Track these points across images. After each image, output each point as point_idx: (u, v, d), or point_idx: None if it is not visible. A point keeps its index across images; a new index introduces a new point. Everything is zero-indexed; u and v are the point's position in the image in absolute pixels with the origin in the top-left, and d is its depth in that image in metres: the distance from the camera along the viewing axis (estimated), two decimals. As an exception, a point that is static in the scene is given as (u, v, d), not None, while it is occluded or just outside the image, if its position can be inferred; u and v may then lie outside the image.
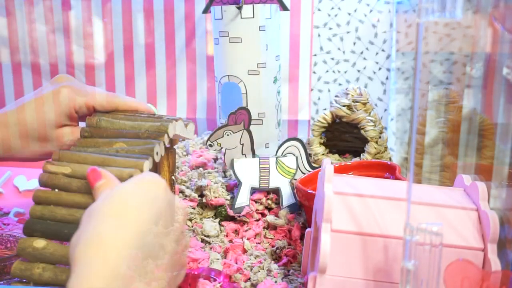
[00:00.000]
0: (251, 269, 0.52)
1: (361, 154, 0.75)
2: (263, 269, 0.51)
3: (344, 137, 0.82)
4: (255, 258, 0.54)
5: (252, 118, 0.63)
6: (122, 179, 0.43)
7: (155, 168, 0.50)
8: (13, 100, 1.09)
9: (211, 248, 0.57)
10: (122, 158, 0.46)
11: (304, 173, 0.65)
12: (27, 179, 0.73)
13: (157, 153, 0.48)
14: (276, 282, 0.50)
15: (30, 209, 0.43)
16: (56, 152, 0.47)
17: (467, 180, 0.45)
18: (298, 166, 0.65)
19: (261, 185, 0.64)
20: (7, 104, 1.09)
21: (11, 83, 1.09)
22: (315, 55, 0.96)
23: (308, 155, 0.67)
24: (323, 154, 0.78)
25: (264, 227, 0.61)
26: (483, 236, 0.40)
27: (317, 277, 0.38)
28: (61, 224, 0.42)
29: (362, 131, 0.74)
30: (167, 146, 0.52)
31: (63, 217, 0.42)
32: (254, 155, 0.64)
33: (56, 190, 0.44)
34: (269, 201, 0.64)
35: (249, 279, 0.50)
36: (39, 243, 0.42)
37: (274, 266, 0.52)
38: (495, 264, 0.38)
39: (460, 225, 0.40)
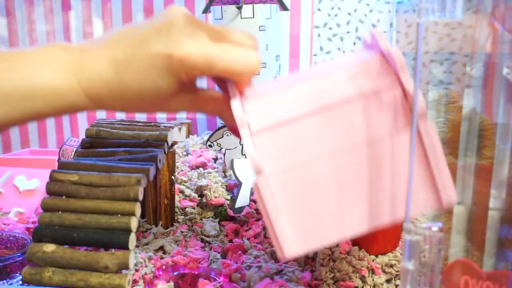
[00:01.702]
0: (250, 269, 0.52)
1: (361, 154, 0.75)
2: (261, 268, 0.52)
3: (344, 137, 0.82)
4: (254, 258, 0.54)
5: (252, 118, 0.63)
6: (130, 184, 0.44)
7: (157, 172, 0.51)
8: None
9: (211, 248, 0.57)
10: (128, 165, 0.47)
11: (304, 173, 0.65)
12: (27, 179, 0.73)
13: (159, 161, 0.50)
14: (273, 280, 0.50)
15: (39, 216, 0.44)
16: (61, 163, 0.48)
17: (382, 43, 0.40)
18: (298, 166, 0.65)
19: (261, 185, 0.64)
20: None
21: (11, 83, 1.08)
22: (315, 55, 0.96)
23: (308, 155, 0.67)
24: (323, 154, 0.78)
25: (264, 227, 0.61)
26: (396, 75, 0.37)
27: (256, 180, 0.36)
28: (70, 228, 0.43)
29: (362, 131, 0.74)
30: (166, 152, 0.55)
31: (72, 221, 0.43)
32: (254, 155, 0.64)
33: (64, 197, 0.45)
34: (269, 201, 0.64)
35: (249, 279, 0.50)
36: (49, 247, 0.42)
37: (274, 266, 0.52)
38: (413, 92, 0.35)
39: (366, 75, 0.38)
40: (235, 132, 0.41)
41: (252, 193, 0.64)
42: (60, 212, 0.44)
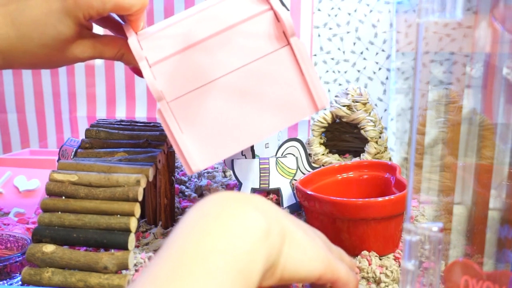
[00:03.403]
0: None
1: (361, 154, 0.75)
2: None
3: (344, 137, 0.82)
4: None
5: (252, 118, 0.63)
6: (129, 184, 0.43)
7: (156, 173, 0.51)
8: (13, 101, 1.10)
9: (211, 248, 0.57)
10: (127, 165, 0.47)
11: (304, 174, 0.65)
12: (27, 179, 0.73)
13: (159, 161, 0.50)
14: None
15: (38, 217, 0.44)
16: (61, 163, 0.48)
17: None
18: (298, 167, 0.65)
19: (261, 186, 0.64)
20: (7, 104, 1.10)
21: (11, 83, 1.09)
22: (315, 55, 0.96)
23: (308, 156, 0.67)
24: (323, 154, 0.78)
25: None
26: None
27: (159, 106, 0.41)
28: (70, 229, 0.43)
29: (362, 131, 0.74)
30: (166, 152, 0.54)
31: (71, 222, 0.43)
32: (254, 155, 0.64)
33: (63, 197, 0.45)
34: (269, 201, 0.64)
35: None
36: (48, 247, 0.42)
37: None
38: (282, 12, 0.41)
39: (241, 4, 0.43)
40: (138, 72, 0.45)
41: (252, 193, 0.64)
42: (59, 212, 0.44)
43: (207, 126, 0.42)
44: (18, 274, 0.49)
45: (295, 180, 0.64)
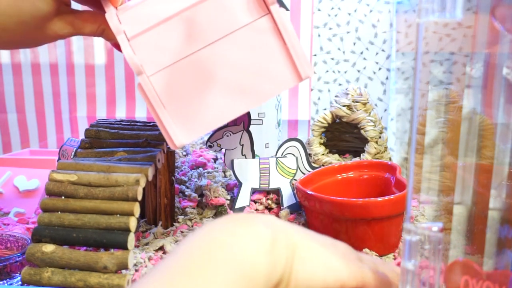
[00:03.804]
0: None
1: (361, 154, 0.75)
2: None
3: (344, 137, 0.82)
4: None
5: (252, 118, 0.63)
6: (129, 183, 0.43)
7: (156, 172, 0.51)
8: (13, 101, 1.10)
9: (211, 248, 0.57)
10: (126, 165, 0.47)
11: (304, 174, 0.65)
12: (27, 179, 0.73)
13: (158, 160, 0.50)
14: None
15: (38, 217, 0.44)
16: (60, 163, 0.48)
17: None
18: (298, 167, 0.65)
19: (261, 186, 0.64)
20: (7, 104, 1.10)
21: (11, 83, 1.08)
22: (315, 55, 0.96)
23: (308, 155, 0.67)
24: (323, 154, 0.78)
25: (264, 227, 0.61)
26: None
27: (139, 80, 0.41)
28: (69, 229, 0.43)
29: (362, 131, 0.74)
30: (165, 152, 0.54)
31: (71, 222, 0.43)
32: (254, 155, 0.64)
33: (63, 197, 0.45)
34: (269, 201, 0.64)
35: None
36: (48, 247, 0.42)
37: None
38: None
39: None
40: (119, 47, 0.44)
41: (252, 193, 0.64)
42: (59, 212, 0.44)
43: (189, 100, 0.42)
44: (18, 274, 0.49)
45: (295, 180, 0.64)
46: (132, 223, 0.42)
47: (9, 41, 0.42)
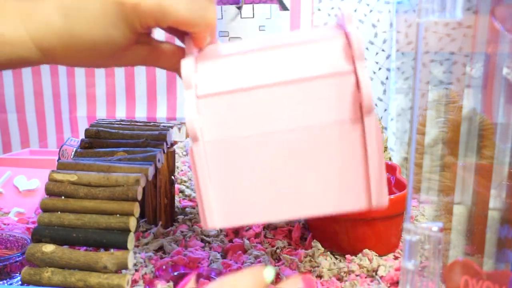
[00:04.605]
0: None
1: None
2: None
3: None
4: (255, 258, 0.54)
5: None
6: (129, 183, 0.44)
7: (156, 172, 0.51)
8: (13, 101, 1.10)
9: (211, 248, 0.57)
10: (126, 165, 0.47)
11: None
12: (27, 179, 0.73)
13: (158, 160, 0.50)
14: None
15: (38, 217, 0.44)
16: (60, 163, 0.48)
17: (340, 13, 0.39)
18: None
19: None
20: (7, 104, 1.10)
21: (11, 83, 1.09)
22: (315, 55, 0.96)
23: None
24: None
25: (264, 227, 0.61)
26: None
27: (193, 147, 0.35)
28: (69, 228, 0.43)
29: (362, 131, 0.74)
30: (165, 152, 0.54)
31: (71, 222, 0.43)
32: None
33: (63, 197, 0.45)
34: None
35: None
36: (48, 247, 0.42)
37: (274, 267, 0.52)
38: (365, 82, 0.34)
39: (326, 55, 0.36)
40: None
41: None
42: (59, 212, 0.44)
43: (242, 182, 0.36)
44: (18, 274, 0.49)
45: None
46: (132, 223, 0.42)
47: (75, 62, 0.39)
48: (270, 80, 0.35)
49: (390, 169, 0.62)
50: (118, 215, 0.43)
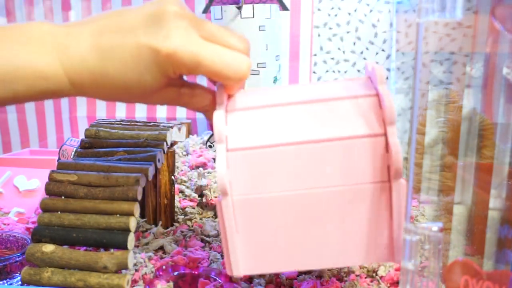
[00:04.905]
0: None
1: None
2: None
3: (344, 137, 0.82)
4: (255, 258, 0.54)
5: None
6: (128, 183, 0.44)
7: (156, 172, 0.51)
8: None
9: (211, 248, 0.57)
10: (126, 165, 0.47)
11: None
12: (27, 179, 0.73)
13: (158, 160, 0.50)
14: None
15: (38, 217, 0.44)
16: (60, 163, 0.48)
17: (370, 66, 0.39)
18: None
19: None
20: (7, 106, 1.10)
21: (11, 83, 1.08)
22: (315, 55, 0.96)
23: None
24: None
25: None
26: (384, 121, 0.35)
27: (221, 200, 0.35)
28: (69, 228, 0.43)
29: (362, 131, 0.74)
30: (166, 152, 0.55)
31: (71, 222, 0.43)
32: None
33: (63, 197, 0.45)
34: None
35: (250, 278, 0.50)
36: (48, 247, 0.42)
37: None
38: (395, 146, 0.34)
39: (357, 114, 0.36)
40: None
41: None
42: (59, 212, 0.44)
43: (267, 235, 0.37)
44: (18, 274, 0.49)
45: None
46: (132, 223, 0.42)
47: (106, 98, 0.39)
48: (302, 138, 0.36)
49: (390, 169, 0.62)
50: (118, 215, 0.43)
